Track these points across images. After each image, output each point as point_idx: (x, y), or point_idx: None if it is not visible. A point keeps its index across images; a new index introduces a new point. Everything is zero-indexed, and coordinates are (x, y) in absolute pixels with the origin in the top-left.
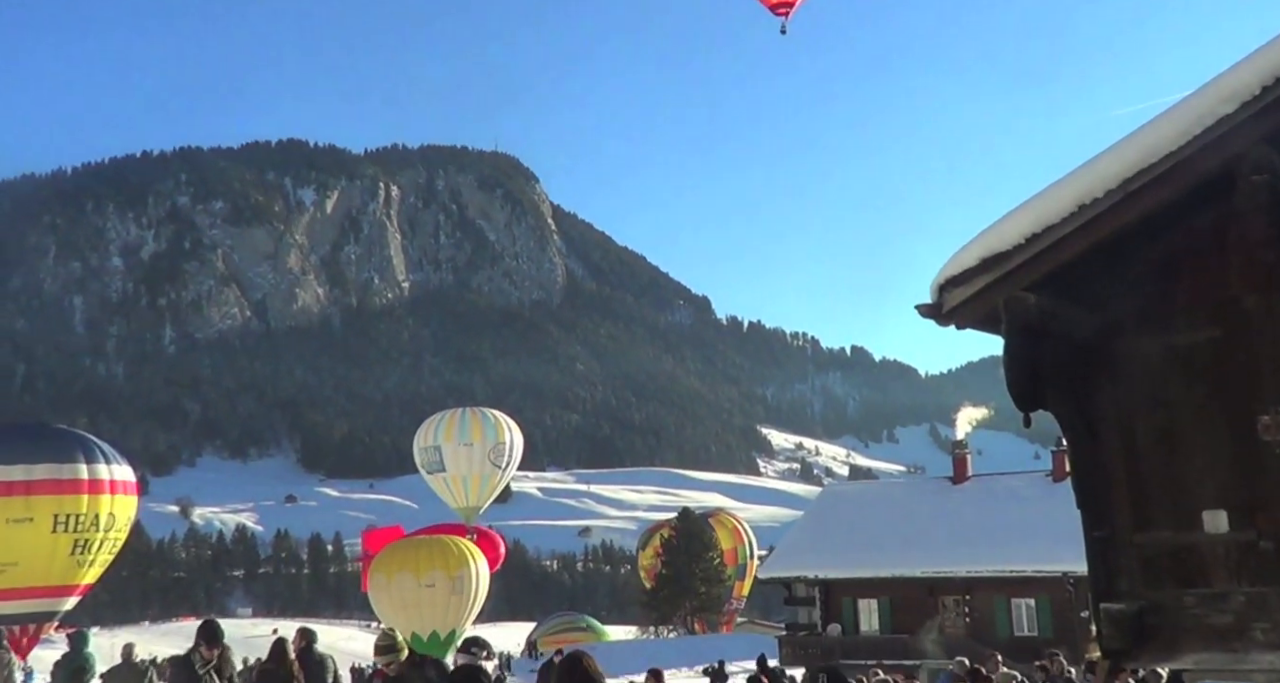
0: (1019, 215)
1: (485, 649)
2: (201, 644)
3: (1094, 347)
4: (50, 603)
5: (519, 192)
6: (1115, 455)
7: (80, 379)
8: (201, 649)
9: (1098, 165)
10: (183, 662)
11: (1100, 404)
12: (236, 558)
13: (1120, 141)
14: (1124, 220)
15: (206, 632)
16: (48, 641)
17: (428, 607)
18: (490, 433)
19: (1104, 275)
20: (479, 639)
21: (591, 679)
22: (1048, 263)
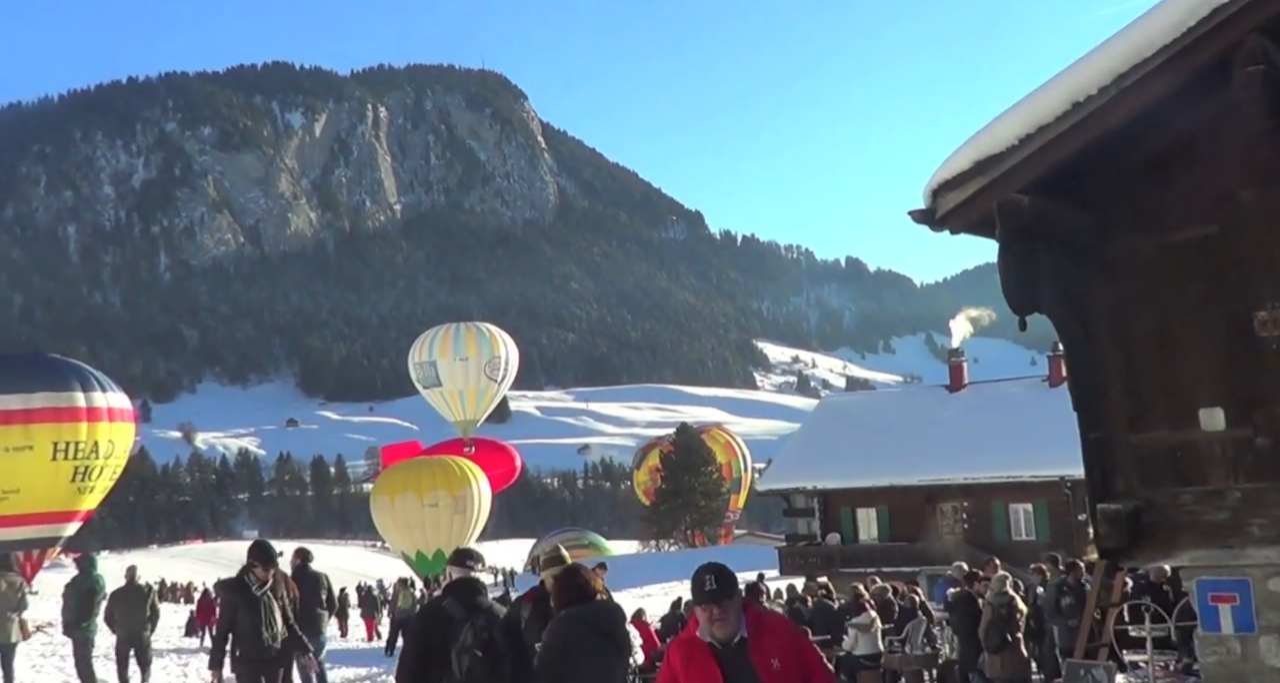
0: (1011, 116)
1: (478, 561)
2: (256, 565)
3: (1089, 247)
4: (52, 529)
5: (508, 110)
6: (1111, 356)
7: (78, 308)
8: (257, 570)
9: (1090, 61)
10: (237, 584)
11: (1095, 305)
12: (240, 482)
13: (1113, 36)
14: (1118, 117)
15: (260, 552)
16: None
17: (431, 526)
18: (485, 347)
19: (1098, 175)
20: (471, 551)
21: (589, 589)
22: (1041, 164)
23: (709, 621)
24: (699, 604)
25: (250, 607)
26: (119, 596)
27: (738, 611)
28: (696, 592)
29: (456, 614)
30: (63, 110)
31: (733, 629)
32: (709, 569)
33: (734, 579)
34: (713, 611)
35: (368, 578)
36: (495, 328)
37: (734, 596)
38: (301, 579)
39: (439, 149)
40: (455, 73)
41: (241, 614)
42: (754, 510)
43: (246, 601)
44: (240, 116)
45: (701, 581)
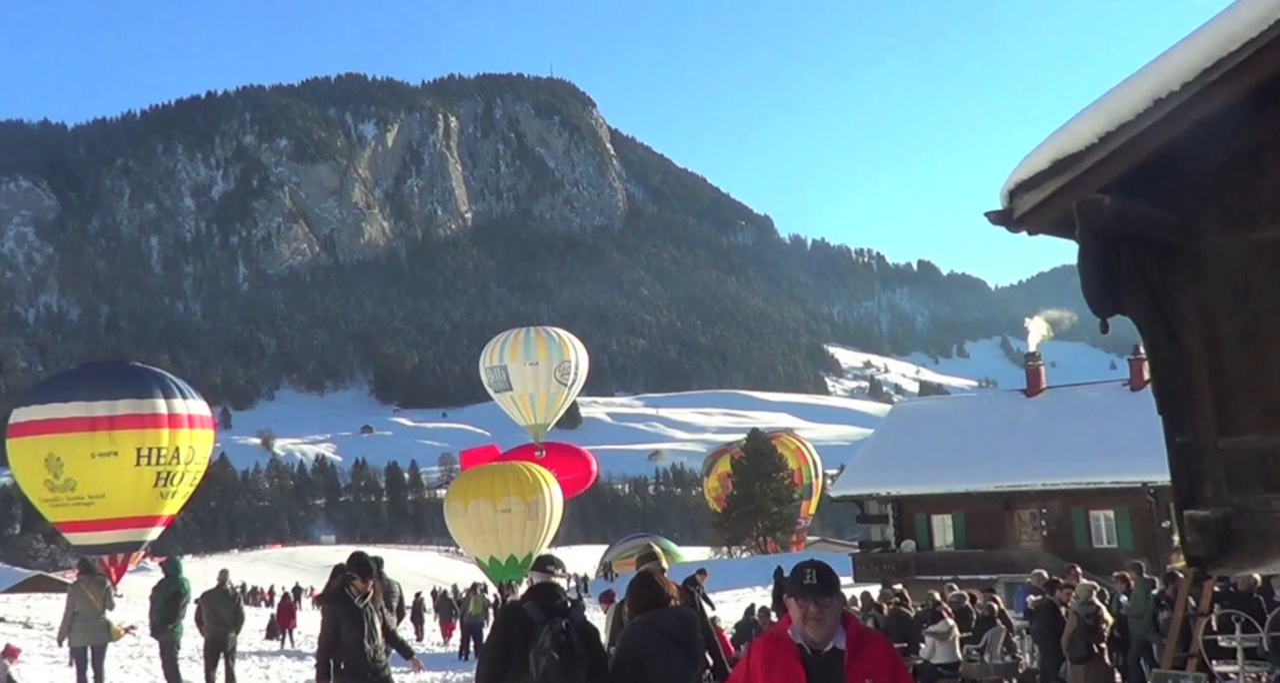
0: (1091, 114)
1: (559, 567)
2: (356, 577)
3: (1172, 247)
4: (136, 533)
5: (576, 117)
6: (1198, 358)
7: (160, 318)
8: (356, 582)
9: (1173, 58)
10: (339, 596)
11: (1181, 306)
12: (317, 487)
13: (1195, 32)
14: (1202, 113)
15: (359, 564)
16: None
17: (504, 532)
18: (555, 351)
19: (1182, 172)
20: (552, 558)
21: (664, 595)
22: (1122, 162)
23: (803, 618)
24: (795, 597)
25: (353, 619)
26: (208, 598)
27: (837, 615)
28: (795, 585)
29: (535, 617)
30: (145, 125)
31: (828, 633)
32: (811, 564)
33: (837, 580)
34: (809, 607)
35: (442, 583)
36: (565, 332)
37: (835, 596)
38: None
39: (508, 157)
40: (524, 81)
41: (345, 627)
42: (826, 517)
43: (349, 613)
44: (315, 128)
45: (802, 574)
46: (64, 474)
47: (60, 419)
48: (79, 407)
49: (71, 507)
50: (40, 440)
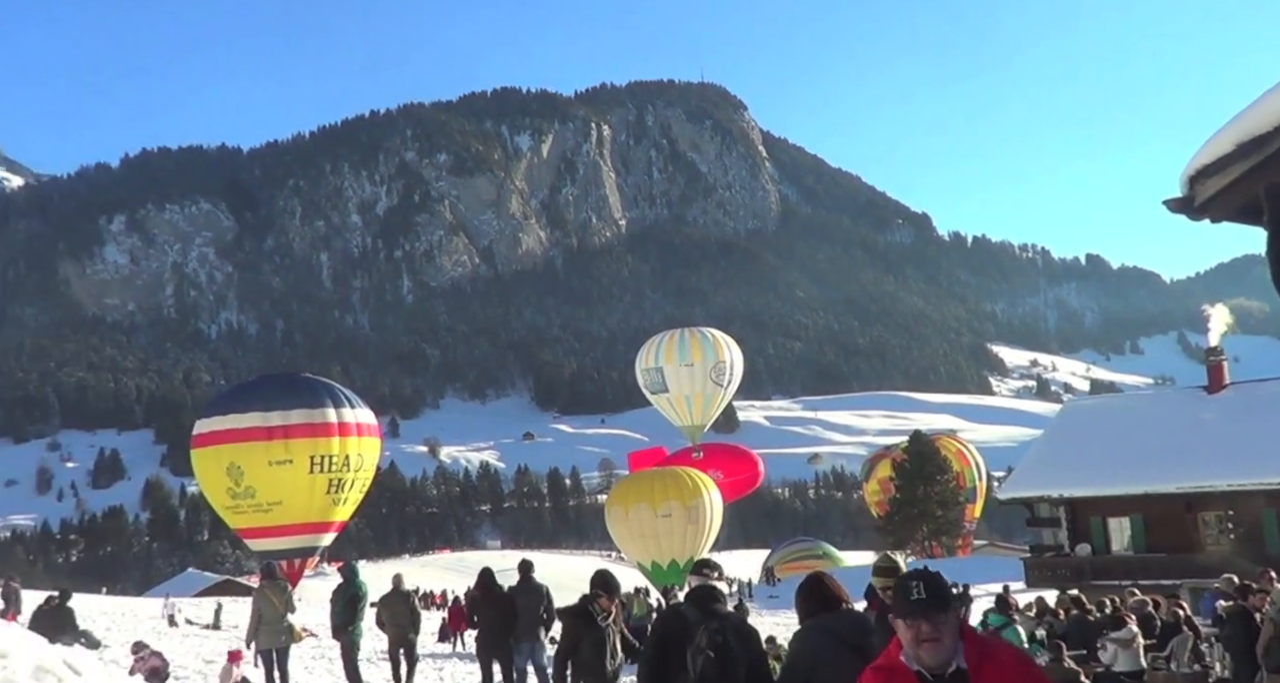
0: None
1: (717, 570)
2: (600, 595)
3: None
4: (311, 539)
5: (728, 121)
6: None
7: (331, 331)
8: (601, 600)
9: None
10: (582, 612)
11: None
12: (483, 494)
13: None
14: None
15: (604, 582)
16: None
17: (665, 537)
18: (710, 352)
19: None
20: (709, 561)
21: (835, 598)
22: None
23: (915, 640)
24: (903, 618)
25: (595, 638)
26: (386, 601)
27: (953, 631)
28: (901, 603)
29: (693, 617)
30: (314, 145)
31: (947, 654)
32: (917, 576)
33: (948, 589)
34: (921, 627)
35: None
36: (719, 333)
37: (948, 609)
38: (524, 590)
39: (661, 163)
40: (675, 87)
41: (585, 645)
42: (994, 520)
43: (592, 631)
44: (473, 142)
45: (906, 588)
46: (244, 482)
47: (239, 429)
48: (256, 417)
49: (251, 513)
50: (221, 450)
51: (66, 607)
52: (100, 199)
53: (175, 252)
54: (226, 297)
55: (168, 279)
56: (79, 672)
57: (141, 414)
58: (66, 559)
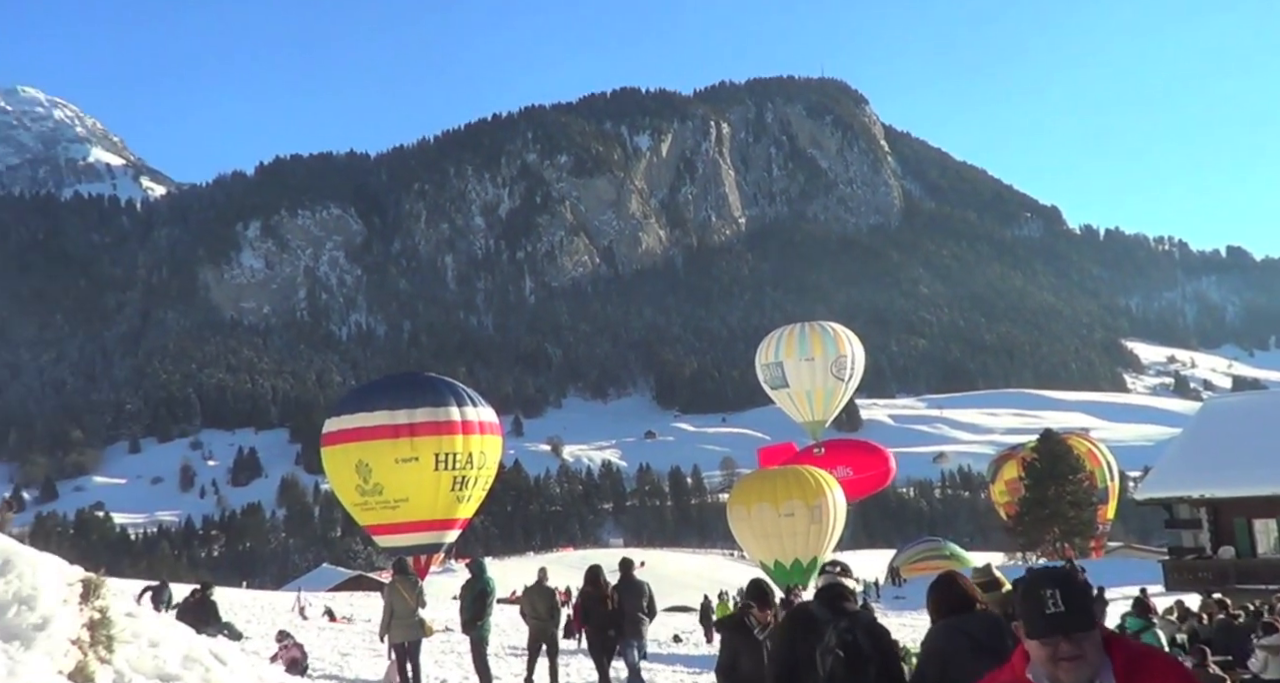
0: None
1: (844, 569)
2: (754, 606)
3: None
4: (437, 535)
5: (849, 116)
6: None
7: (456, 331)
8: (754, 612)
9: None
10: (738, 625)
11: None
12: (605, 492)
13: None
14: None
15: (760, 593)
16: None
17: (788, 536)
18: (830, 347)
19: None
20: (837, 561)
21: (968, 598)
22: None
23: (1052, 659)
24: (1037, 637)
25: (752, 650)
26: (529, 594)
27: (1098, 645)
28: (1032, 616)
29: (821, 616)
30: (438, 150)
31: (1090, 672)
32: (1052, 581)
33: (1091, 597)
34: (1060, 647)
35: (727, 586)
36: (840, 327)
37: (1092, 624)
38: (626, 587)
39: (781, 160)
40: (795, 83)
41: (743, 659)
42: (1130, 521)
43: (749, 644)
44: (593, 143)
45: (1040, 599)
46: (372, 479)
47: (367, 427)
48: (383, 415)
49: (379, 510)
50: (350, 448)
51: (210, 599)
52: (237, 206)
53: (307, 256)
54: (356, 299)
55: (300, 283)
56: (224, 662)
57: (277, 414)
58: (209, 554)
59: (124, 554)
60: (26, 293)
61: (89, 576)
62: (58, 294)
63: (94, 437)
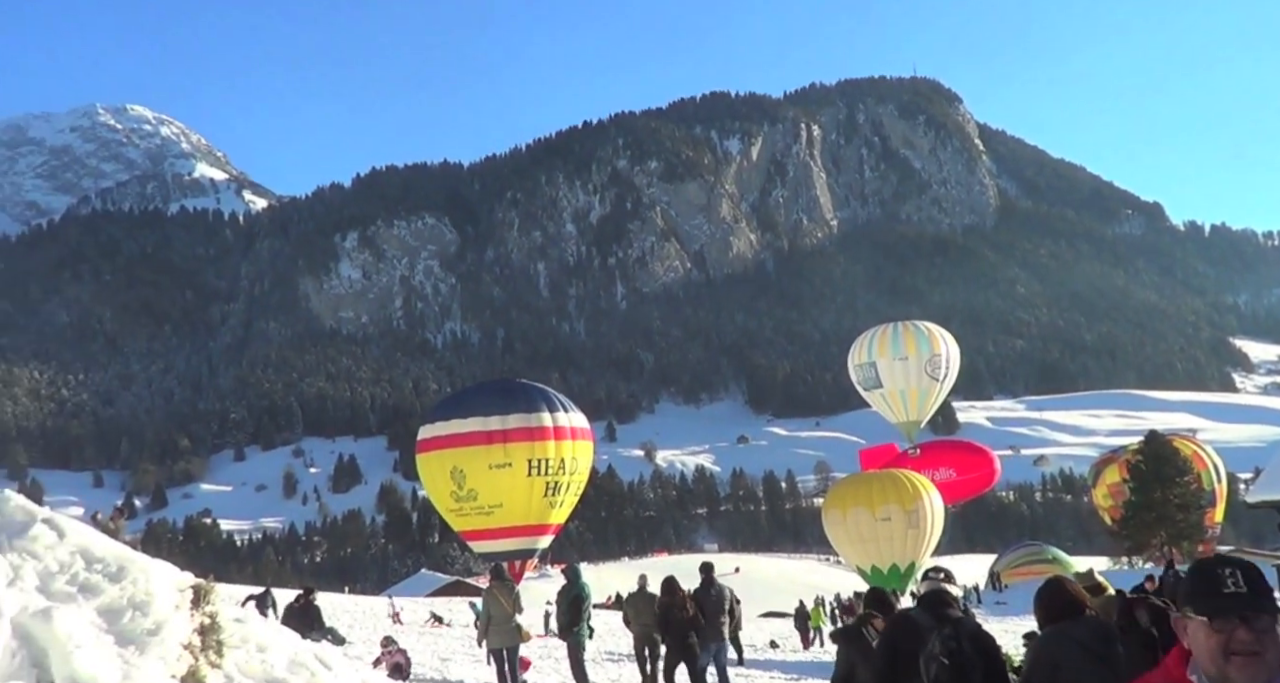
0: None
1: (947, 575)
2: (875, 616)
3: None
4: (530, 541)
5: (942, 115)
6: None
7: (549, 338)
8: (874, 622)
9: None
10: (855, 635)
11: None
12: (699, 497)
13: None
14: None
15: (878, 601)
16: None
17: (884, 541)
18: (924, 345)
19: None
20: (939, 566)
21: (1077, 603)
22: None
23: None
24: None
25: (869, 661)
26: (631, 600)
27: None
28: (1208, 596)
29: (924, 623)
30: (530, 158)
31: (1268, 674)
32: (1232, 562)
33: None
34: (1237, 634)
35: (822, 591)
36: (934, 325)
37: (1276, 609)
38: (706, 593)
39: (873, 161)
40: (886, 83)
41: (859, 670)
42: (1241, 525)
43: (866, 655)
44: (683, 148)
45: (1217, 579)
46: (466, 485)
47: (461, 434)
48: (476, 422)
49: (474, 516)
50: (444, 455)
51: (314, 604)
52: (335, 217)
53: (403, 265)
54: (451, 307)
55: (396, 292)
56: (329, 666)
57: (375, 422)
58: (311, 560)
59: (230, 560)
60: (136, 306)
61: (199, 582)
62: (166, 306)
63: (201, 445)
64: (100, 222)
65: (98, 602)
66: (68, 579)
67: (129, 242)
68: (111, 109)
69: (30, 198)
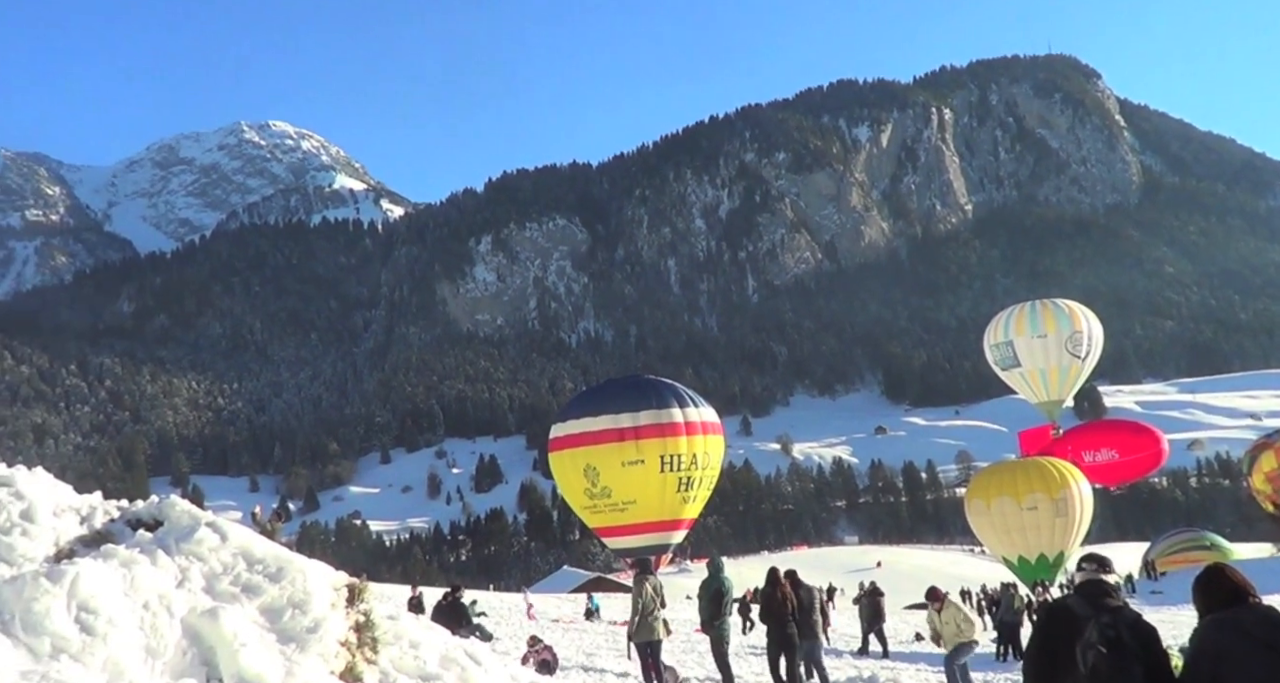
0: None
1: (1100, 564)
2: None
3: None
4: (664, 536)
5: (1079, 92)
6: None
7: (681, 334)
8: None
9: None
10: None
11: None
12: (837, 489)
13: None
14: None
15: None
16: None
17: (1031, 530)
18: (1064, 323)
19: None
20: (1095, 555)
21: (1240, 590)
22: None
23: None
24: None
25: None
26: (763, 594)
27: None
28: None
29: (1081, 612)
30: (657, 155)
31: None
32: None
33: None
34: None
35: (967, 582)
36: (1073, 303)
37: None
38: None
39: (1007, 143)
40: (1020, 62)
41: None
42: None
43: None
44: (810, 138)
45: None
46: (600, 483)
47: (593, 432)
48: (607, 419)
49: (608, 513)
50: (578, 453)
51: (461, 602)
52: (469, 222)
53: (536, 267)
54: (584, 306)
55: (530, 293)
56: (478, 662)
57: (514, 422)
58: (457, 558)
59: (380, 560)
60: (284, 315)
61: (353, 581)
62: (311, 315)
63: (348, 449)
64: (248, 235)
65: (259, 601)
66: (231, 580)
67: (275, 254)
68: (255, 126)
69: (183, 215)
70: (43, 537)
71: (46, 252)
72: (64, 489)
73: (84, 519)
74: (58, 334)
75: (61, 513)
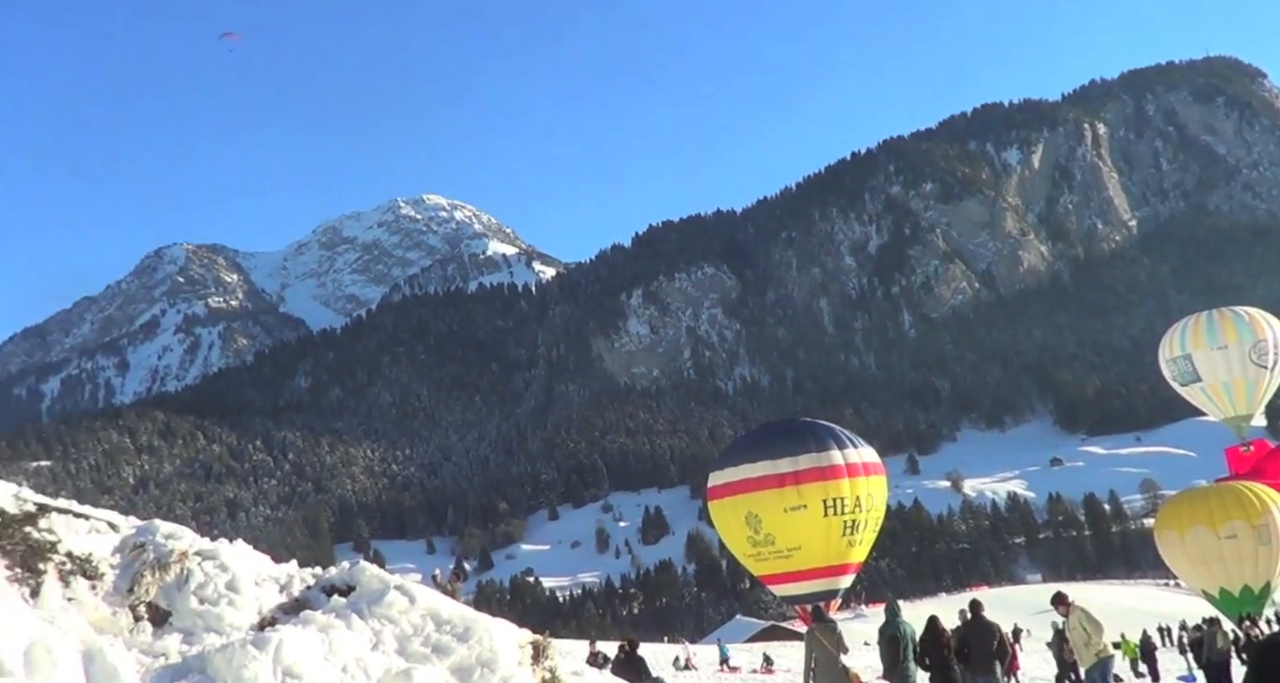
0: None
1: None
2: None
3: None
4: (831, 582)
5: (1245, 94)
6: None
7: (839, 374)
8: None
9: None
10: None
11: None
12: (1014, 525)
13: None
14: None
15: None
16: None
17: (1232, 561)
18: (1246, 332)
19: None
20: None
21: None
22: None
23: None
24: None
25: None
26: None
27: None
28: None
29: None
30: (801, 196)
31: None
32: None
33: None
34: None
35: (1165, 618)
36: (1255, 310)
37: None
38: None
39: (1169, 153)
40: (1176, 68)
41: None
42: None
43: None
44: (957, 166)
45: None
46: (763, 530)
47: (752, 479)
48: (766, 465)
49: (773, 560)
50: (738, 500)
51: (638, 655)
52: (619, 277)
53: (688, 317)
54: (738, 353)
55: (684, 343)
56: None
57: (676, 473)
58: (629, 611)
59: (554, 616)
60: (449, 380)
61: (537, 638)
62: (474, 379)
63: (517, 507)
64: (410, 306)
65: (449, 661)
66: (422, 641)
67: (436, 322)
68: (410, 201)
69: (350, 292)
70: (247, 606)
71: (229, 336)
72: (263, 559)
73: (282, 587)
74: (243, 412)
75: (262, 582)
